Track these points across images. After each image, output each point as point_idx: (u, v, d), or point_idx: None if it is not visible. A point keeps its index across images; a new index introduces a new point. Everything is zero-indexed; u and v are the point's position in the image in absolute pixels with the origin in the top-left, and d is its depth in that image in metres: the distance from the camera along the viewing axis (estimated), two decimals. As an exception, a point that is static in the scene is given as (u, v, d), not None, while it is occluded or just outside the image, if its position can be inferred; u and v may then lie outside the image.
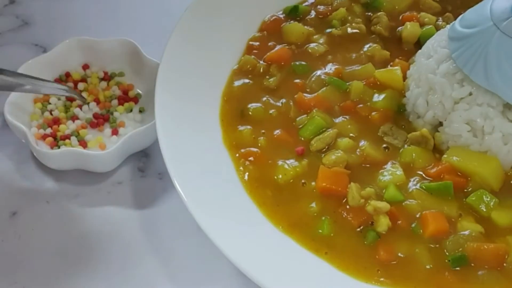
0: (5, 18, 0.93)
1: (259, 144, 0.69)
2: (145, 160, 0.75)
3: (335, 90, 0.75)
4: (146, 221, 0.69)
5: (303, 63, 0.78)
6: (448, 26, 0.76)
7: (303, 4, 0.86)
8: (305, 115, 0.72)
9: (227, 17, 0.81)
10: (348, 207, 0.64)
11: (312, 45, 0.81)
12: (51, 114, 0.77)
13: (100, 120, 0.76)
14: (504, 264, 0.61)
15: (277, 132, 0.71)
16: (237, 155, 0.68)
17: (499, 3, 0.68)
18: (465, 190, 0.66)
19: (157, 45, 0.75)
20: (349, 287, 0.59)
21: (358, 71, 0.77)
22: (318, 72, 0.77)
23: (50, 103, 0.78)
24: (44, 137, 0.74)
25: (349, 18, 0.84)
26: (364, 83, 0.75)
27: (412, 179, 0.67)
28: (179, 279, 0.64)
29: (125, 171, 0.74)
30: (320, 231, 0.63)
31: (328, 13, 0.85)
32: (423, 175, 0.67)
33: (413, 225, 0.63)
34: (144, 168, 0.74)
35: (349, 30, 0.83)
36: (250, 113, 0.73)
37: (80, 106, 0.78)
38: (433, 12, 0.86)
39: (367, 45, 0.81)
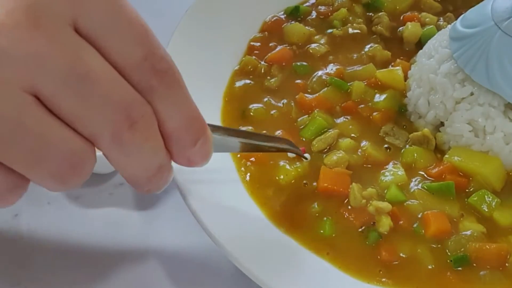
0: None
1: (261, 145, 0.69)
2: (147, 161, 0.75)
3: (336, 90, 0.75)
4: (147, 222, 0.69)
5: (304, 63, 0.78)
6: (449, 26, 0.76)
7: (304, 5, 0.86)
8: (307, 116, 0.72)
9: (228, 18, 0.81)
10: (349, 207, 0.64)
11: (313, 45, 0.81)
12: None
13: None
14: (506, 264, 0.60)
15: (278, 132, 0.71)
16: (239, 155, 0.68)
17: (500, 3, 0.67)
18: (467, 190, 0.66)
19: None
20: (351, 288, 0.59)
21: (359, 71, 0.77)
22: (319, 73, 0.77)
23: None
24: (45, 138, 0.74)
25: (350, 18, 0.84)
26: (365, 83, 0.75)
27: (413, 179, 0.67)
28: (180, 279, 0.64)
29: (127, 172, 0.74)
30: (322, 231, 0.63)
31: (329, 14, 0.85)
32: (425, 175, 0.67)
33: (415, 225, 0.63)
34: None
35: (350, 30, 0.83)
36: (251, 113, 0.73)
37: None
38: (434, 12, 0.86)
39: (368, 46, 0.81)
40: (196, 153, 0.43)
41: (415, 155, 0.68)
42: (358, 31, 0.83)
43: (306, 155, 0.68)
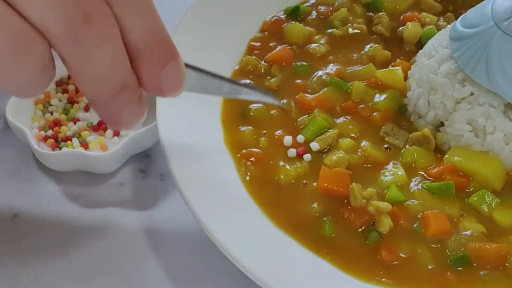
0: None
1: (261, 145, 0.69)
2: (147, 161, 0.75)
3: (336, 90, 0.75)
4: (148, 222, 0.69)
5: (304, 63, 0.78)
6: (449, 26, 0.76)
7: (304, 5, 0.86)
8: (307, 116, 0.72)
9: (228, 18, 0.81)
10: (349, 207, 0.64)
11: (313, 45, 0.81)
12: (52, 115, 0.77)
13: (103, 126, 0.76)
14: (506, 264, 0.60)
15: (278, 132, 0.71)
16: (239, 155, 0.68)
17: (500, 3, 0.67)
18: (467, 190, 0.66)
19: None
20: (351, 288, 0.59)
21: (359, 71, 0.77)
22: (319, 73, 0.77)
23: (51, 105, 0.78)
24: (45, 138, 0.74)
25: (350, 18, 0.84)
26: (365, 83, 0.75)
27: (413, 179, 0.67)
28: (180, 279, 0.64)
29: (127, 172, 0.74)
30: (322, 231, 0.63)
31: (329, 14, 0.85)
32: (425, 175, 0.67)
33: (415, 225, 0.63)
34: (146, 169, 0.75)
35: (350, 30, 0.83)
36: (251, 113, 0.73)
37: (86, 108, 0.78)
38: (434, 12, 0.86)
39: (368, 45, 0.81)
40: (165, 77, 0.40)
41: (415, 155, 0.68)
42: (358, 31, 0.83)
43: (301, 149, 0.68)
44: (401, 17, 0.85)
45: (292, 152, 0.69)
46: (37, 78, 0.37)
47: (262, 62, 0.79)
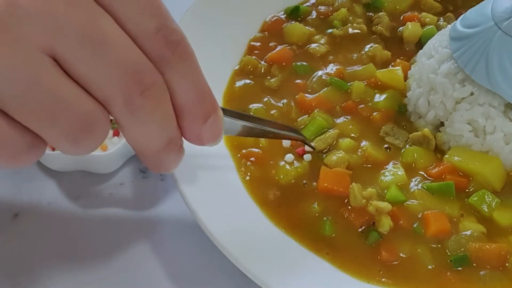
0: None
1: (261, 145, 0.69)
2: (147, 161, 0.75)
3: (336, 90, 0.75)
4: (148, 222, 0.69)
5: (304, 63, 0.79)
6: (449, 26, 0.77)
7: (304, 5, 0.87)
8: (307, 116, 0.73)
9: (228, 18, 0.81)
10: (349, 207, 0.64)
11: (313, 45, 0.81)
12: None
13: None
14: (506, 264, 0.61)
15: (278, 132, 0.71)
16: (239, 155, 0.68)
17: (500, 3, 0.67)
18: (467, 190, 0.66)
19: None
20: (351, 288, 0.59)
21: (359, 71, 0.77)
22: (319, 73, 0.77)
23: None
24: (45, 138, 0.74)
25: (350, 18, 0.84)
26: (365, 83, 0.75)
27: (413, 179, 0.67)
28: (180, 279, 0.64)
29: (127, 172, 0.74)
30: (322, 231, 0.63)
31: (329, 14, 0.85)
32: (425, 175, 0.67)
33: (415, 225, 0.63)
34: (146, 169, 0.74)
35: (350, 30, 0.83)
36: (251, 113, 0.73)
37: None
38: (434, 12, 0.86)
39: (368, 45, 0.81)
40: (206, 130, 0.43)
41: (415, 155, 0.69)
42: (358, 31, 0.83)
43: (307, 156, 0.68)
44: (401, 17, 0.86)
45: (290, 154, 0.69)
46: (98, 144, 0.39)
47: (262, 62, 0.79)
